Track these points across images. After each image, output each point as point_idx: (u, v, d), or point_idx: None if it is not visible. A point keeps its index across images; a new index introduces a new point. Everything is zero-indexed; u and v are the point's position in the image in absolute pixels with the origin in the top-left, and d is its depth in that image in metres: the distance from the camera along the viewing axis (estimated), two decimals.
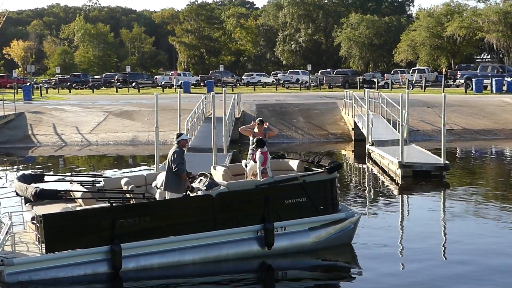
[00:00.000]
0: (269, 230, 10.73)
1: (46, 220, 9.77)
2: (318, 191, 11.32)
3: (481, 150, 27.29)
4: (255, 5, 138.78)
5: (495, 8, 59.95)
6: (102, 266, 10.04)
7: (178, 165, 10.71)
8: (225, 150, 21.17)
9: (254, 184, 11.05)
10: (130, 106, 36.66)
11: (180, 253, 10.47)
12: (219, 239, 10.67)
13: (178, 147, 11.03)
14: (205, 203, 10.64)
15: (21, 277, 9.68)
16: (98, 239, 10.00)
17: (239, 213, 10.81)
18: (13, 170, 23.86)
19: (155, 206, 10.66)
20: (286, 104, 36.46)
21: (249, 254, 10.80)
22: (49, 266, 9.84)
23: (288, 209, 11.01)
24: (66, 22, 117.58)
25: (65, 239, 9.90)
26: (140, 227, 10.23)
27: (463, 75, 48.85)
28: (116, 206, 10.26)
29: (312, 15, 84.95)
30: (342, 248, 11.43)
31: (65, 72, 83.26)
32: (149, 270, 10.31)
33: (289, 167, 12.41)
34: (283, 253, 10.93)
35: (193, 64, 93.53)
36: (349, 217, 11.48)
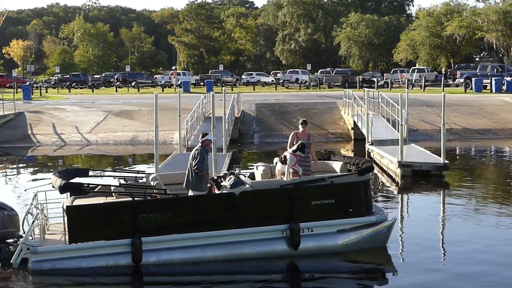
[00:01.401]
0: (294, 231, 10.59)
1: (69, 212, 10.13)
2: (347, 193, 11.11)
3: (480, 150, 27.29)
4: (254, 4, 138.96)
5: (495, 8, 59.96)
6: (123, 259, 10.21)
7: (198, 164, 10.83)
8: (225, 150, 21.17)
9: (279, 184, 10.95)
10: (129, 105, 36.66)
11: (202, 250, 10.49)
12: (242, 238, 10.62)
13: (201, 146, 11.15)
14: (228, 201, 10.66)
15: (45, 265, 10.02)
16: (120, 232, 10.22)
17: (262, 212, 10.74)
18: (20, 168, 23.85)
19: (177, 202, 10.70)
20: (286, 103, 36.47)
21: (273, 254, 10.68)
22: (72, 256, 10.14)
23: (315, 210, 10.83)
24: (65, 22, 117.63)
25: (88, 230, 10.18)
26: (162, 222, 10.36)
27: (463, 74, 48.85)
28: (138, 201, 10.41)
29: (312, 15, 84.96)
30: (373, 250, 11.16)
31: (65, 72, 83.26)
32: (170, 265, 10.36)
33: (332, 169, 12.27)
34: (309, 254, 10.78)
35: (192, 64, 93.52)
36: (380, 220, 11.21)
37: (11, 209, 10.77)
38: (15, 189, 19.17)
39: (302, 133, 12.92)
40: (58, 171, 11.56)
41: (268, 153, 27.48)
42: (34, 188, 11.45)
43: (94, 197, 11.16)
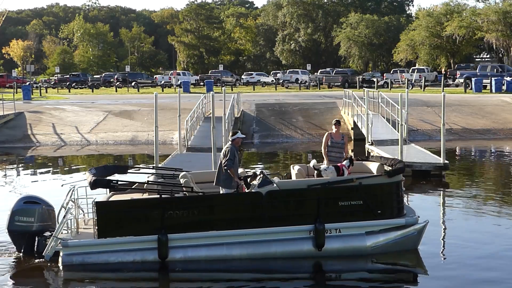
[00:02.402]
0: (320, 231, 10.56)
1: (98, 207, 10.36)
2: (376, 195, 10.98)
3: (480, 150, 27.29)
4: (254, 4, 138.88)
5: (495, 8, 59.97)
6: (150, 254, 10.39)
7: (227, 161, 10.92)
8: None
9: (306, 184, 10.92)
10: (129, 105, 36.66)
11: (227, 248, 10.56)
12: (268, 237, 10.63)
13: (232, 144, 11.23)
14: (255, 200, 10.69)
15: (75, 258, 10.29)
16: (147, 228, 10.38)
17: (289, 212, 10.74)
18: (18, 168, 23.85)
19: (203, 200, 10.80)
20: (286, 103, 36.47)
21: (298, 253, 10.65)
22: (101, 250, 10.39)
23: (342, 211, 10.75)
24: (65, 22, 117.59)
25: (116, 226, 10.42)
26: (188, 219, 10.49)
27: (463, 74, 48.84)
28: (165, 198, 10.54)
29: (312, 15, 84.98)
30: (404, 252, 11.00)
31: (65, 72, 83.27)
32: (196, 262, 10.46)
33: (368, 169, 12.17)
34: (336, 255, 10.69)
35: (192, 64, 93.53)
36: (410, 223, 11.01)
37: (48, 204, 11.06)
38: (50, 185, 19.43)
39: (336, 133, 12.82)
40: (96, 167, 11.78)
41: (268, 153, 27.50)
42: (71, 184, 11.75)
43: (132, 193, 11.40)
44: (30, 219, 10.66)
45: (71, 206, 10.81)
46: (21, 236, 10.71)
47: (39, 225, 10.73)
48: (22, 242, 10.76)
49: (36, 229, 10.73)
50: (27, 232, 10.68)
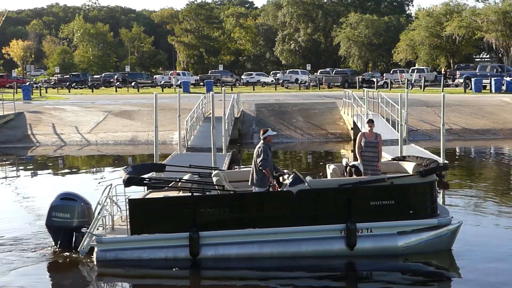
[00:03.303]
0: (351, 230, 10.54)
1: (132, 204, 10.56)
2: (408, 195, 10.93)
3: (480, 150, 27.31)
4: (254, 4, 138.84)
5: (494, 8, 59.99)
6: (182, 252, 10.53)
7: (262, 161, 10.93)
8: (225, 150, 21.20)
9: (337, 183, 10.91)
10: (129, 105, 36.67)
11: (258, 246, 10.61)
12: (299, 236, 10.66)
13: (264, 143, 11.23)
14: (286, 199, 10.72)
15: (109, 254, 10.51)
16: (179, 226, 10.54)
17: (320, 211, 10.77)
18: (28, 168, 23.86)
19: (234, 198, 10.86)
20: (285, 103, 36.48)
21: (330, 253, 10.65)
22: (134, 247, 10.58)
23: (374, 211, 10.72)
24: (65, 22, 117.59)
25: (149, 223, 10.59)
26: (219, 217, 10.57)
27: (462, 74, 48.86)
28: (196, 196, 10.66)
29: (312, 15, 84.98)
30: (437, 253, 10.93)
31: (65, 72, 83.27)
32: (227, 260, 10.54)
33: (404, 170, 12.11)
34: (366, 255, 10.66)
35: (192, 64, 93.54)
36: (443, 223, 10.91)
37: (85, 201, 11.31)
38: (87, 182, 19.77)
39: (370, 133, 12.78)
40: (133, 165, 11.92)
41: None
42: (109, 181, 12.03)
43: (169, 191, 11.55)
44: (66, 215, 10.96)
45: (106, 203, 10.99)
46: (58, 231, 11.02)
47: (75, 221, 10.99)
48: (59, 237, 11.05)
49: (72, 225, 11.00)
50: (63, 228, 10.96)
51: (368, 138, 12.72)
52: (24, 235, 12.42)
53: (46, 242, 11.64)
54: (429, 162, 11.43)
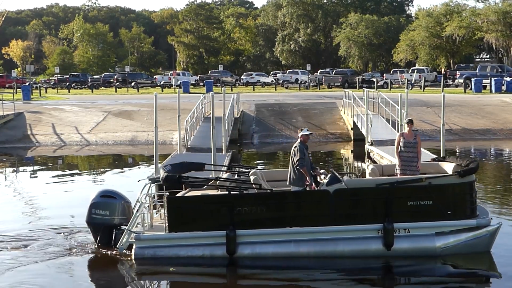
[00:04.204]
0: (388, 230, 10.47)
1: (170, 202, 10.66)
2: (446, 195, 10.80)
3: (480, 150, 27.30)
4: (254, 5, 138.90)
5: (494, 8, 59.97)
6: (219, 250, 10.56)
7: (299, 160, 10.96)
8: (224, 150, 21.17)
9: (375, 183, 10.87)
10: (129, 106, 36.66)
11: (295, 245, 10.60)
12: (336, 235, 10.63)
13: (300, 142, 11.27)
14: (322, 198, 10.71)
15: (147, 251, 10.61)
16: (216, 224, 10.60)
17: (357, 211, 10.73)
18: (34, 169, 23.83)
19: (271, 197, 10.87)
20: (285, 104, 36.46)
21: (367, 252, 10.59)
22: (171, 244, 10.68)
23: (411, 211, 10.63)
24: (65, 22, 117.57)
25: (186, 221, 10.70)
26: (256, 216, 10.60)
27: (462, 74, 48.85)
28: (233, 194, 10.71)
29: (311, 15, 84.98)
30: (476, 254, 10.79)
31: (64, 72, 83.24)
32: (264, 259, 10.54)
33: (443, 170, 11.95)
34: (404, 255, 10.57)
35: (192, 64, 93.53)
36: (482, 224, 10.75)
37: (125, 199, 11.44)
38: (86, 182, 19.94)
39: (408, 133, 12.70)
40: (172, 164, 11.96)
41: (268, 154, 27.50)
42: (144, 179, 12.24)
43: (208, 189, 11.60)
44: (105, 212, 11.08)
45: (145, 201, 11.06)
46: (97, 228, 11.15)
47: (114, 218, 11.11)
48: (98, 233, 11.19)
49: (112, 222, 11.12)
50: (102, 224, 11.09)
51: (407, 138, 12.63)
52: (63, 231, 12.56)
53: (86, 239, 11.78)
54: (469, 162, 11.28)
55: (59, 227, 13.01)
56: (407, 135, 12.71)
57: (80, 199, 16.74)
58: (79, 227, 12.59)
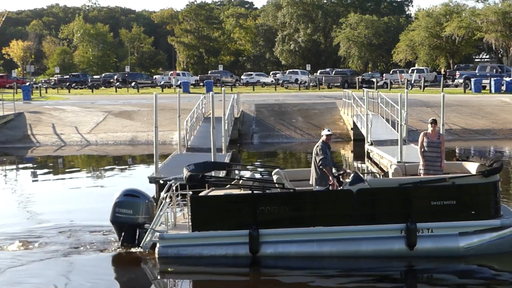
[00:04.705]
0: (411, 230, 10.42)
1: (193, 202, 10.71)
2: (470, 195, 10.77)
3: (480, 150, 27.32)
4: (254, 5, 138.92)
5: (494, 8, 60.01)
6: (242, 249, 10.57)
7: (322, 160, 11.01)
8: (224, 150, 21.20)
9: (398, 183, 10.83)
10: (129, 106, 36.68)
11: (318, 245, 10.60)
12: (359, 235, 10.60)
13: (322, 141, 11.30)
14: (345, 198, 10.70)
15: (170, 250, 10.66)
16: (239, 223, 10.62)
17: (380, 210, 10.70)
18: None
19: (294, 197, 10.90)
20: (285, 104, 36.49)
21: (390, 252, 10.55)
22: (195, 243, 10.70)
23: (435, 211, 10.57)
24: (65, 22, 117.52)
25: (209, 220, 10.71)
26: (279, 215, 10.61)
27: (462, 75, 48.88)
28: (256, 194, 10.73)
29: (311, 15, 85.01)
30: (500, 255, 10.66)
31: (64, 72, 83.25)
32: (287, 258, 10.55)
33: (467, 170, 11.91)
34: (427, 256, 10.53)
35: (192, 64, 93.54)
36: (506, 225, 10.67)
37: (149, 198, 11.52)
38: (86, 182, 20.05)
39: (432, 133, 12.63)
40: (195, 163, 11.99)
41: (268, 154, 27.52)
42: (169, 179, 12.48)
43: (231, 189, 11.63)
44: (129, 211, 11.13)
45: (165, 201, 11.09)
46: (121, 226, 11.21)
47: (137, 217, 11.16)
48: (122, 232, 11.24)
49: (135, 221, 11.17)
50: (126, 223, 11.14)
51: (430, 138, 12.55)
52: (87, 230, 12.64)
53: (110, 238, 11.84)
54: (493, 162, 11.23)
55: (85, 226, 13.05)
56: (430, 135, 12.62)
57: (80, 199, 16.84)
58: (97, 226, 12.65)
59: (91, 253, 11.16)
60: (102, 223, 12.26)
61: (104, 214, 11.70)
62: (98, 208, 14.05)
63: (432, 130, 12.63)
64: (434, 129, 12.63)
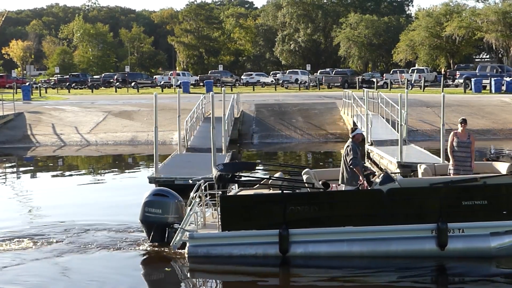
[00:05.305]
0: (442, 230, 10.33)
1: (223, 201, 10.68)
2: (501, 195, 10.63)
3: (480, 150, 27.27)
4: (254, 5, 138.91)
5: (494, 8, 60.00)
6: (272, 249, 10.51)
7: (352, 159, 10.98)
8: (224, 150, 21.19)
9: (428, 183, 10.80)
10: (129, 106, 36.67)
11: (348, 244, 10.53)
12: (389, 235, 10.53)
13: (352, 141, 11.29)
14: (375, 197, 10.65)
15: (200, 250, 10.62)
16: (269, 223, 10.55)
17: (410, 210, 10.62)
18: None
19: (324, 196, 10.90)
20: (285, 104, 36.47)
21: (420, 253, 10.48)
22: (224, 243, 10.66)
23: (466, 211, 10.47)
24: (65, 22, 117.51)
25: (239, 219, 10.67)
26: (309, 215, 10.56)
27: (462, 75, 48.85)
28: (286, 194, 10.73)
29: (311, 15, 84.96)
30: None
31: (64, 72, 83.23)
32: (316, 258, 10.52)
33: (496, 170, 11.90)
34: (458, 256, 10.44)
35: (192, 64, 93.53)
36: None
37: (178, 197, 11.54)
38: (86, 182, 20.06)
39: (462, 132, 12.58)
40: (224, 163, 12.06)
41: (268, 154, 27.50)
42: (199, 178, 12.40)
43: (260, 189, 11.63)
44: (158, 211, 11.18)
45: (198, 200, 11.10)
46: (150, 226, 11.27)
47: (167, 216, 11.20)
48: (151, 231, 11.29)
49: (164, 220, 11.21)
50: (155, 223, 11.19)
51: (460, 138, 12.53)
52: (118, 230, 12.69)
53: (140, 237, 11.87)
54: None
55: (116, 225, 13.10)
56: (460, 135, 12.58)
57: (80, 199, 16.83)
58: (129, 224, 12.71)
59: (121, 252, 11.19)
60: (120, 221, 12.50)
61: (107, 212, 11.65)
62: (100, 208, 14.01)
63: (462, 129, 12.60)
64: (464, 129, 12.60)
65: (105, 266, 10.55)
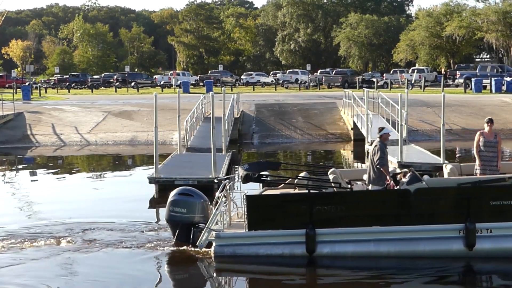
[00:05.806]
0: (470, 231, 10.25)
1: (249, 201, 10.62)
2: None
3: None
4: (254, 4, 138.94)
5: (494, 8, 59.99)
6: (298, 248, 10.48)
7: (379, 159, 10.97)
8: (224, 150, 21.16)
9: (456, 183, 10.76)
10: (129, 106, 36.63)
11: (375, 244, 10.48)
12: (416, 235, 10.46)
13: (380, 141, 11.27)
14: (403, 197, 10.58)
15: (226, 249, 10.61)
16: (295, 222, 10.50)
17: (438, 210, 10.57)
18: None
19: (351, 196, 10.87)
20: (285, 104, 36.44)
21: (448, 253, 10.41)
22: (251, 242, 10.63)
23: (494, 211, 10.41)
24: (65, 22, 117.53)
25: (265, 219, 10.64)
26: (336, 215, 10.51)
27: (462, 74, 48.84)
28: (313, 193, 10.72)
29: (311, 15, 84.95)
30: None
31: (64, 72, 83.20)
32: (343, 258, 10.48)
33: None
34: (486, 256, 10.39)
35: (192, 64, 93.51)
36: None
37: (203, 197, 11.56)
38: (86, 181, 20.04)
39: (488, 132, 12.54)
40: (249, 162, 12.08)
41: (268, 154, 27.47)
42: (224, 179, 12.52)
43: (284, 188, 11.62)
44: (183, 210, 11.21)
45: (224, 199, 11.10)
46: (175, 225, 11.34)
47: (192, 216, 11.22)
48: (176, 230, 11.37)
49: (189, 219, 11.22)
50: (180, 222, 11.23)
51: (487, 137, 12.49)
52: (144, 228, 12.73)
53: (164, 236, 11.92)
54: None
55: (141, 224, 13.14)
56: (487, 135, 12.54)
57: (80, 198, 16.80)
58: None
59: (147, 251, 11.19)
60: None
61: (107, 213, 11.61)
62: (102, 207, 13.97)
63: (489, 129, 12.56)
64: (490, 129, 12.56)
65: (127, 265, 10.55)
